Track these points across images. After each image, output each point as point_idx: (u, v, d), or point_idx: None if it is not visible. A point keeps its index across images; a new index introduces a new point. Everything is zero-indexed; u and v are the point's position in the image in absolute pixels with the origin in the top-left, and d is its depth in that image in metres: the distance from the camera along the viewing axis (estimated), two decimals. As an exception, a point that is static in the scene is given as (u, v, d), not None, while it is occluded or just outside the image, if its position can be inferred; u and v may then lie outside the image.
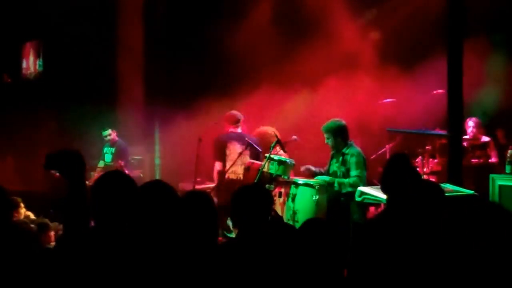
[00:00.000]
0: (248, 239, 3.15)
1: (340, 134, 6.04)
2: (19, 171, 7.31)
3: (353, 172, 5.91)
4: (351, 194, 5.74)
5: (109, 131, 8.98)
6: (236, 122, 7.16)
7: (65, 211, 2.73)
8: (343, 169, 5.99)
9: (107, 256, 2.65)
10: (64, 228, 2.84)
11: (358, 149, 6.10)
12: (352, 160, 5.94)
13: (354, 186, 5.77)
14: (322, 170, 6.26)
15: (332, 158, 6.19)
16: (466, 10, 6.40)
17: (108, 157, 8.97)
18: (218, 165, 7.04)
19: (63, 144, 2.90)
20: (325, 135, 6.07)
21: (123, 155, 8.93)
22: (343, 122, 6.14)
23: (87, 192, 2.76)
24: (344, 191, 5.89)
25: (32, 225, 5.09)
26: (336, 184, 5.91)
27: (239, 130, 7.17)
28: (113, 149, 9.02)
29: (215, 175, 7.12)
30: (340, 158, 6.02)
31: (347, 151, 6.01)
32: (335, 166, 6.08)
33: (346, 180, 5.90)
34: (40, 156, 2.82)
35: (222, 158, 7.01)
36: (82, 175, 2.76)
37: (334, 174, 6.04)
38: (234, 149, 6.94)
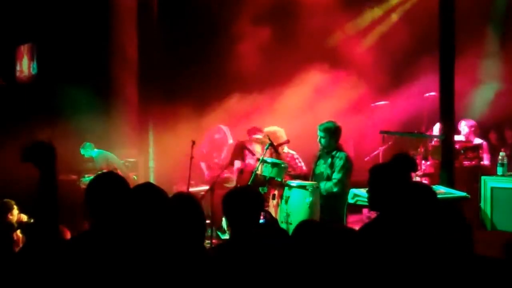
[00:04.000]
0: (240, 241, 3.17)
1: (335, 136, 6.11)
2: (14, 174, 7.29)
3: (336, 175, 5.99)
4: (334, 197, 5.89)
5: (83, 150, 9.00)
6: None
7: (35, 202, 2.75)
8: (329, 171, 6.06)
9: (97, 256, 2.67)
10: (33, 217, 2.85)
11: (347, 153, 6.17)
12: (339, 163, 6.01)
13: (328, 191, 5.93)
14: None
15: (319, 158, 6.24)
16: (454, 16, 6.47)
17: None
18: (237, 163, 7.28)
19: (57, 147, 2.90)
20: (320, 134, 6.11)
21: (101, 165, 8.93)
22: (340, 126, 6.19)
23: (57, 184, 2.77)
24: (324, 194, 5.96)
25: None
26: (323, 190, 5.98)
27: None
28: (96, 164, 9.06)
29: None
30: (329, 160, 6.08)
31: (337, 154, 6.07)
32: (322, 167, 6.14)
33: (322, 185, 5.96)
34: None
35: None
36: (53, 166, 2.78)
37: (321, 175, 6.11)
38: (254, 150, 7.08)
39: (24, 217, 6.03)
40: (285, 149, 6.80)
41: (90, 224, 2.84)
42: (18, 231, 5.40)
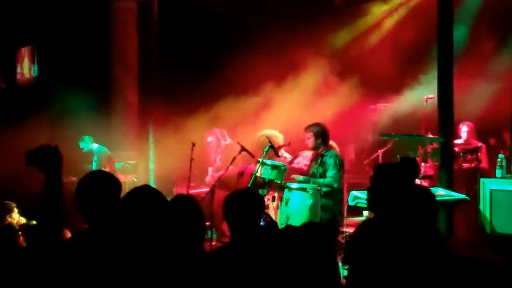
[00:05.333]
0: (240, 244, 3.19)
1: (320, 136, 6.24)
2: (15, 176, 7.32)
3: (329, 173, 6.12)
4: (331, 194, 5.98)
5: (82, 143, 8.99)
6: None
7: (40, 205, 2.77)
8: (321, 170, 6.18)
9: (94, 258, 2.68)
10: (38, 222, 2.87)
11: (337, 151, 6.30)
12: (330, 161, 6.15)
13: (328, 186, 6.05)
14: None
15: (311, 160, 6.39)
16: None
17: (94, 166, 8.98)
18: None
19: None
20: (307, 135, 6.27)
21: (103, 162, 8.93)
22: (325, 126, 6.34)
23: (62, 187, 2.80)
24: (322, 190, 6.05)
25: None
26: (311, 184, 6.10)
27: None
28: (96, 157, 9.05)
29: None
30: (319, 159, 6.21)
31: (326, 153, 6.21)
32: (314, 168, 6.27)
33: (321, 180, 6.11)
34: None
35: None
36: (58, 170, 2.80)
37: (313, 175, 6.22)
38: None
39: (23, 220, 6.03)
40: (284, 153, 6.82)
41: (86, 224, 2.84)
42: (19, 233, 5.40)
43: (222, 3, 9.29)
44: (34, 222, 5.76)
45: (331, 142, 7.63)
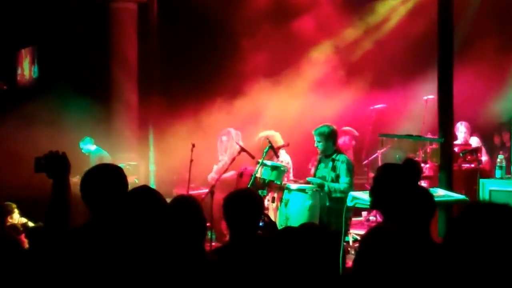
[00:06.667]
0: (239, 244, 3.19)
1: (331, 139, 6.07)
2: (16, 178, 7.34)
3: (344, 179, 5.95)
4: (342, 200, 5.78)
5: (82, 143, 9.00)
6: None
7: (47, 210, 2.81)
8: (333, 174, 6.01)
9: (93, 259, 2.69)
10: (44, 225, 2.90)
11: (346, 156, 6.16)
12: (342, 167, 5.98)
13: (344, 192, 5.83)
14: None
15: (319, 162, 6.20)
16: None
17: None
18: None
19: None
20: (316, 139, 6.08)
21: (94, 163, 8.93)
22: (334, 127, 6.17)
23: (69, 194, 2.84)
24: (334, 195, 5.93)
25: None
26: (326, 188, 5.94)
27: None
28: (92, 159, 9.06)
29: None
30: (330, 164, 6.04)
31: (337, 157, 6.04)
32: (324, 171, 6.10)
33: (337, 186, 5.94)
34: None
35: None
36: (66, 176, 2.86)
37: (323, 179, 6.07)
38: None
39: (24, 220, 6.05)
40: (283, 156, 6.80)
41: (90, 218, 2.87)
42: (22, 235, 5.42)
43: (221, 3, 9.30)
44: (32, 224, 5.79)
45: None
